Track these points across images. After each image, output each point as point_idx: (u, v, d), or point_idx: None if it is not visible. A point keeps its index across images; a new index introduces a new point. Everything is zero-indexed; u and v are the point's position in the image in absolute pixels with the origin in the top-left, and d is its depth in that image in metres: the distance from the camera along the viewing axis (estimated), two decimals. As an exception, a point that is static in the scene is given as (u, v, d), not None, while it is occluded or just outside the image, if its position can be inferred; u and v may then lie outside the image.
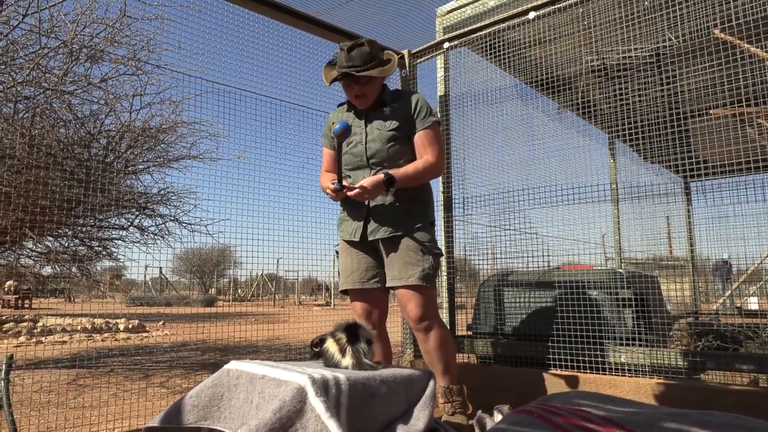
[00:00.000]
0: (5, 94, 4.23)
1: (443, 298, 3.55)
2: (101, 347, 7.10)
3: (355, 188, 2.33)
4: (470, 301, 3.59)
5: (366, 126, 2.52)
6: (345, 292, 2.63)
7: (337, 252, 2.72)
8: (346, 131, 2.29)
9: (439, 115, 3.61)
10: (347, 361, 1.92)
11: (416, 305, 2.40)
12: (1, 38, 4.12)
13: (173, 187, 5.35)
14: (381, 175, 2.34)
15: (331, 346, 1.97)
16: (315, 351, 2.08)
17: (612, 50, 3.32)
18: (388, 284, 2.49)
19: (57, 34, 4.11)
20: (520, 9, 3.24)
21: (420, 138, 2.49)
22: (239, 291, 26.85)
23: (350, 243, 2.58)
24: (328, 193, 2.48)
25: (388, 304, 2.68)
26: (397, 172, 2.38)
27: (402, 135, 2.48)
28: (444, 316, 3.50)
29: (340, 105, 2.72)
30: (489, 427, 2.22)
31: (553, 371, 2.90)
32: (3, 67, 4.16)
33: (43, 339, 7.76)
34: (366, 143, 2.50)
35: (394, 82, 3.87)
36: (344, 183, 2.43)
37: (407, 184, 2.42)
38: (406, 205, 2.48)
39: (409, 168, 2.42)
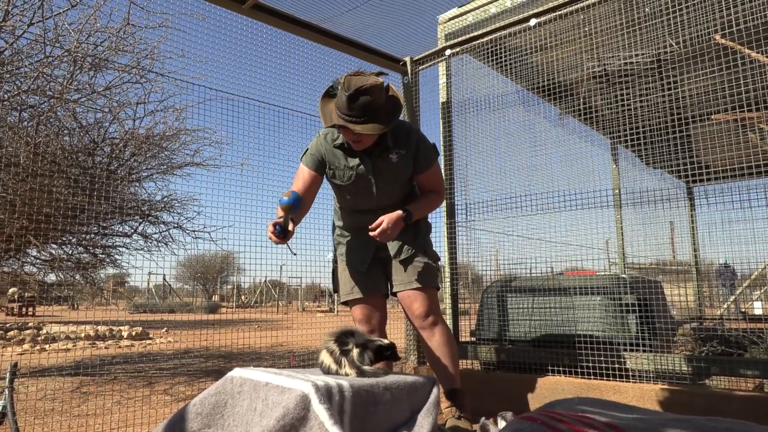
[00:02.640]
0: (10, 103, 4.26)
1: (447, 305, 3.55)
2: (105, 354, 7.10)
3: (377, 227, 2.29)
4: (473, 307, 3.59)
5: (374, 176, 2.42)
6: (346, 302, 2.65)
7: (334, 262, 2.73)
8: (296, 205, 2.17)
9: (441, 122, 3.63)
10: (345, 371, 1.93)
11: (422, 303, 2.47)
12: (6, 47, 4.15)
13: (176, 194, 5.37)
14: (400, 212, 2.33)
15: (326, 358, 1.98)
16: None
17: (613, 56, 3.33)
18: (395, 290, 2.55)
19: (61, 42, 4.14)
20: (521, 16, 3.25)
21: (427, 177, 2.52)
22: (242, 297, 26.83)
23: (352, 253, 2.61)
24: (270, 236, 2.23)
25: (387, 310, 2.71)
26: (413, 209, 2.41)
27: (408, 178, 2.51)
28: (447, 322, 3.49)
29: (333, 140, 2.44)
30: (493, 434, 2.21)
31: (557, 377, 2.89)
32: (8, 75, 4.19)
33: (46, 346, 7.76)
34: (376, 194, 2.46)
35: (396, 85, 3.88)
36: (289, 228, 2.22)
37: (418, 217, 2.50)
38: (414, 226, 2.52)
39: (423, 204, 2.49)
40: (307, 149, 2.50)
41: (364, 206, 2.52)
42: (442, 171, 3.54)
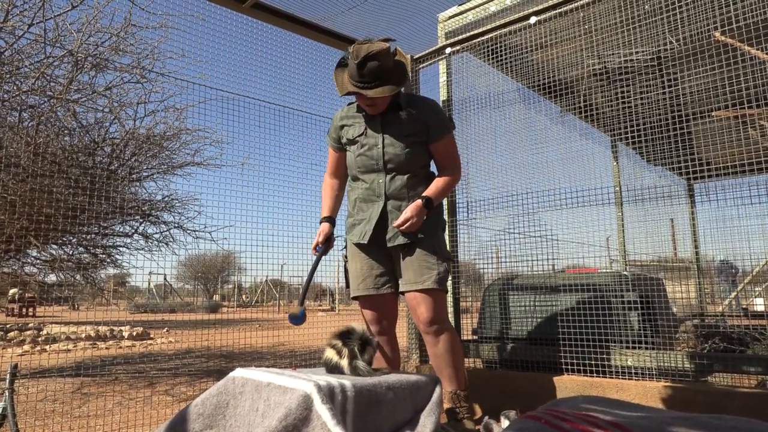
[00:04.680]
0: (10, 103, 4.25)
1: (448, 303, 3.55)
2: (105, 355, 7.10)
3: (403, 221, 2.37)
4: (475, 305, 3.59)
5: (382, 130, 2.50)
6: (356, 297, 2.62)
7: (345, 258, 2.71)
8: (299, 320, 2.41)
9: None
10: (344, 362, 1.93)
11: (427, 308, 2.42)
12: (6, 48, 4.14)
13: (177, 193, 5.36)
14: (420, 201, 2.39)
15: (328, 352, 1.98)
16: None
17: (613, 54, 3.32)
18: (401, 289, 2.51)
19: (62, 43, 4.13)
20: (521, 14, 3.25)
21: (441, 147, 2.54)
22: (243, 297, 26.84)
23: (360, 247, 2.57)
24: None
25: (398, 310, 2.68)
26: (431, 192, 2.44)
27: (418, 140, 2.50)
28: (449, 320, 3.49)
29: (349, 104, 2.66)
30: (495, 433, 2.21)
31: (560, 375, 2.89)
32: (8, 76, 4.19)
33: (47, 347, 7.76)
34: (383, 148, 2.49)
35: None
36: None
37: (440, 200, 2.52)
38: (427, 222, 2.49)
39: (440, 187, 2.49)
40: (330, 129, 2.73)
41: (373, 165, 2.52)
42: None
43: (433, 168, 2.65)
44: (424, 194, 2.43)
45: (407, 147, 2.48)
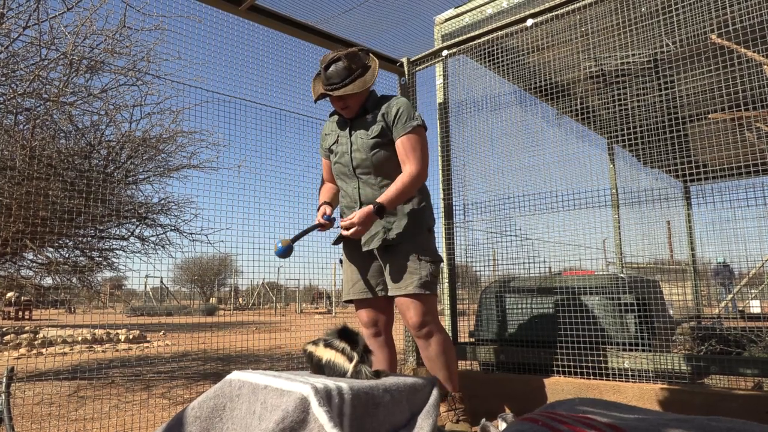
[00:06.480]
0: (6, 106, 4.24)
1: (445, 305, 3.55)
2: (102, 358, 7.07)
3: (348, 225, 2.31)
4: (472, 307, 3.59)
5: (350, 135, 2.52)
6: (349, 301, 2.62)
7: (341, 261, 2.71)
8: (286, 253, 2.44)
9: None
10: (350, 367, 1.92)
11: (415, 313, 2.40)
12: (1, 50, 4.13)
13: (173, 196, 5.35)
14: (371, 207, 2.31)
15: (335, 357, 1.96)
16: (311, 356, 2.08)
17: (610, 56, 3.33)
18: (389, 294, 2.50)
19: (57, 45, 4.12)
20: (518, 16, 3.25)
21: (401, 145, 2.43)
22: (240, 300, 26.79)
23: (351, 252, 2.59)
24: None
25: (393, 312, 2.68)
26: (385, 197, 2.34)
27: (385, 141, 2.46)
28: (446, 323, 3.49)
29: (331, 114, 2.72)
30: (493, 435, 2.21)
31: (557, 378, 2.89)
32: (3, 78, 4.18)
33: (43, 350, 7.73)
34: (351, 153, 2.50)
35: (392, 90, 3.88)
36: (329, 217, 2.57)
37: (398, 203, 2.40)
38: (401, 214, 2.46)
39: (393, 189, 2.36)
40: None
41: (345, 172, 2.54)
42: (439, 169, 3.54)
43: None
44: (377, 199, 2.34)
45: (373, 150, 2.45)
